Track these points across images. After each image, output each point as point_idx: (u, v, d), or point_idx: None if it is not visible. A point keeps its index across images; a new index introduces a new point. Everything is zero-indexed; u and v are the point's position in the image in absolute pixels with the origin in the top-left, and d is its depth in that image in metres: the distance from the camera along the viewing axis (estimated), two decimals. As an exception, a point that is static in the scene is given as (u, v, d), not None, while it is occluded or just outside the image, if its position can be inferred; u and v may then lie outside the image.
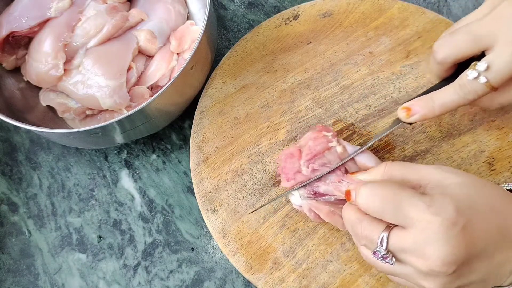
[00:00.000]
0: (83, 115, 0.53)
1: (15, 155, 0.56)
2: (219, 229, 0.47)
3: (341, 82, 0.52)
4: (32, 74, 0.51)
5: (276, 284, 0.45)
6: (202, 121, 0.52)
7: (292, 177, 0.44)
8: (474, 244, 0.31)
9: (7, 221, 0.53)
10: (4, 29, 0.51)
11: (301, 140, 0.46)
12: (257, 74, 0.54)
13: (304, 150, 0.44)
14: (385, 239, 0.32)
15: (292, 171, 0.44)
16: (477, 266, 0.32)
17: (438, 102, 0.38)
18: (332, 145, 0.44)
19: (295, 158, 0.44)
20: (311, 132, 0.45)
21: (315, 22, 0.55)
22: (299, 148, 0.45)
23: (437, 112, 0.38)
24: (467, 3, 0.59)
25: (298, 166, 0.44)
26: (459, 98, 0.37)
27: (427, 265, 0.31)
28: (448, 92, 0.38)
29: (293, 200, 0.44)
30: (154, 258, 0.51)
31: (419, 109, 0.39)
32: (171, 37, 0.54)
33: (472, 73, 0.36)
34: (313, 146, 0.44)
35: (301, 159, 0.44)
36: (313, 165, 0.43)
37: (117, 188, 0.54)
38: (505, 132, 0.49)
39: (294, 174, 0.44)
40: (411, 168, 0.35)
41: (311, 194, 0.43)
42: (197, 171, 0.50)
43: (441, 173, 0.34)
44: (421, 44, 0.53)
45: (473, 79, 0.36)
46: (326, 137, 0.44)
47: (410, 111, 0.39)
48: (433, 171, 0.34)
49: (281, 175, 0.45)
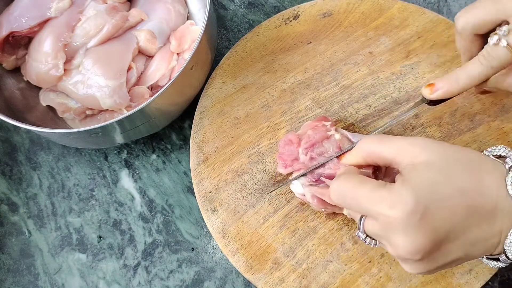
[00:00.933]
0: (83, 115, 0.53)
1: (15, 155, 0.56)
2: (219, 229, 0.47)
3: (341, 82, 0.52)
4: (32, 74, 0.51)
5: (276, 284, 0.45)
6: (202, 121, 0.52)
7: (290, 164, 0.45)
8: (437, 230, 0.31)
9: (7, 221, 0.53)
10: (4, 29, 0.51)
11: (301, 129, 0.47)
12: (257, 74, 0.54)
13: (304, 138, 0.45)
14: (361, 225, 0.34)
15: (290, 158, 0.44)
16: (449, 248, 0.32)
17: (462, 76, 0.37)
18: (330, 133, 0.44)
19: (294, 145, 0.45)
20: (310, 122, 0.46)
21: (315, 22, 0.55)
22: (298, 136, 0.45)
23: (461, 86, 0.37)
24: (467, 3, 0.59)
25: (296, 153, 0.44)
26: (483, 68, 0.36)
27: (395, 252, 0.32)
28: (472, 64, 0.37)
29: (295, 189, 0.45)
30: (154, 258, 0.51)
31: (442, 85, 0.38)
32: (171, 37, 0.54)
33: (493, 38, 0.36)
34: (312, 135, 0.44)
35: (300, 147, 0.44)
36: (311, 153, 0.43)
37: (117, 188, 0.54)
38: (505, 132, 0.49)
39: (292, 161, 0.44)
40: (387, 144, 0.35)
41: (312, 181, 0.43)
42: (197, 171, 0.50)
43: (412, 149, 0.34)
44: (421, 44, 0.53)
45: (494, 44, 0.35)
46: (325, 126, 0.45)
47: (433, 86, 0.39)
48: (406, 147, 0.34)
49: (278, 160, 0.45)
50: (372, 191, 0.33)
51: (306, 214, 0.47)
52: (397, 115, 0.41)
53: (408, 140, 0.34)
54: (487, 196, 0.32)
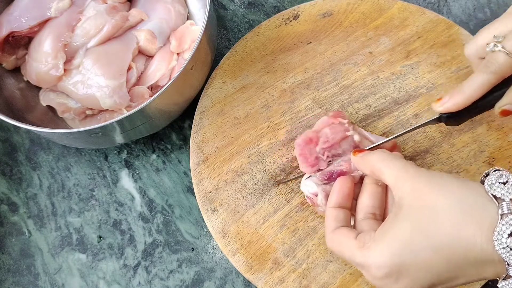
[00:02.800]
0: (83, 115, 0.53)
1: (15, 155, 0.56)
2: (219, 229, 0.47)
3: (341, 82, 0.52)
4: (32, 74, 0.51)
5: (276, 284, 0.45)
6: (202, 121, 0.52)
7: (315, 163, 0.44)
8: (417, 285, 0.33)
9: (7, 221, 0.53)
10: (4, 29, 0.51)
11: (316, 125, 0.46)
12: (257, 74, 0.54)
13: (322, 137, 0.44)
14: None
15: (312, 156, 0.44)
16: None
17: (466, 86, 0.38)
18: (349, 133, 0.44)
19: (313, 143, 0.45)
20: (326, 117, 0.46)
21: (315, 22, 0.55)
22: (316, 133, 0.45)
23: (467, 95, 0.38)
24: (467, 3, 0.59)
25: (316, 152, 0.44)
26: (484, 75, 0.37)
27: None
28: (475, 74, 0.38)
29: (307, 189, 0.44)
30: (154, 258, 0.51)
31: (449, 97, 0.39)
32: (171, 37, 0.54)
33: (490, 45, 0.37)
34: (330, 135, 0.44)
35: (318, 146, 0.44)
36: (328, 153, 0.44)
37: (117, 188, 0.54)
38: (505, 132, 0.49)
39: (315, 159, 0.44)
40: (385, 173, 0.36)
41: (324, 179, 0.43)
42: (197, 171, 0.50)
43: (402, 186, 0.34)
44: (421, 44, 0.53)
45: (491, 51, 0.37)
46: (342, 125, 0.45)
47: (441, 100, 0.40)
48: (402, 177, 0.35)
49: (301, 159, 0.45)
50: (352, 255, 0.35)
51: (306, 214, 0.47)
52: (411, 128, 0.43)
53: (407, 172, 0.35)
54: (470, 247, 0.31)
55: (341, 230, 0.37)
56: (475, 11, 0.59)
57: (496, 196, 0.31)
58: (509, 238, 0.30)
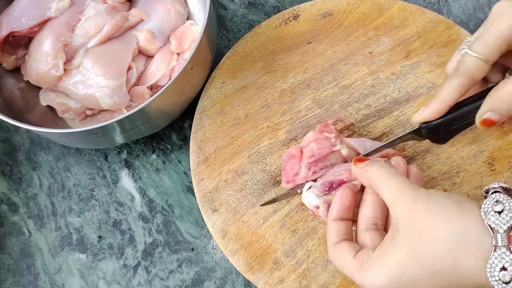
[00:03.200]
0: (83, 115, 0.53)
1: (15, 155, 0.56)
2: (219, 229, 0.47)
3: (341, 82, 0.52)
4: (32, 74, 0.51)
5: (276, 284, 0.45)
6: (202, 121, 0.52)
7: (292, 180, 0.45)
8: None
9: (7, 221, 0.53)
10: (4, 29, 0.51)
11: (303, 141, 0.46)
12: (257, 74, 0.54)
13: (306, 152, 0.44)
14: None
15: (292, 173, 0.44)
16: None
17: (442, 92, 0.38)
18: (336, 149, 0.44)
19: (296, 159, 0.44)
20: (312, 133, 0.45)
21: (315, 22, 0.55)
22: (300, 148, 0.45)
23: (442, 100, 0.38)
24: (467, 3, 0.59)
25: (298, 168, 0.44)
26: (457, 78, 0.38)
27: None
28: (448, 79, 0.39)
29: (308, 201, 0.43)
30: (154, 258, 0.51)
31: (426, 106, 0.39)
32: (171, 37, 0.54)
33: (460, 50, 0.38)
34: (316, 150, 0.44)
35: (302, 161, 0.44)
36: (315, 167, 0.44)
37: (117, 188, 0.54)
38: (505, 132, 0.49)
39: (293, 176, 0.44)
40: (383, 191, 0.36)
41: (325, 190, 0.42)
42: (197, 171, 0.50)
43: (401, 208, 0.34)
44: (421, 44, 0.53)
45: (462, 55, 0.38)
46: (329, 140, 0.44)
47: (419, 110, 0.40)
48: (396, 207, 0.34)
49: (282, 176, 0.46)
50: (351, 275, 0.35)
51: (306, 214, 0.47)
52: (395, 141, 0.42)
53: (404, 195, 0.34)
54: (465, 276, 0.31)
55: (342, 246, 0.37)
56: (475, 11, 0.59)
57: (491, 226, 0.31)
58: (501, 272, 0.30)
